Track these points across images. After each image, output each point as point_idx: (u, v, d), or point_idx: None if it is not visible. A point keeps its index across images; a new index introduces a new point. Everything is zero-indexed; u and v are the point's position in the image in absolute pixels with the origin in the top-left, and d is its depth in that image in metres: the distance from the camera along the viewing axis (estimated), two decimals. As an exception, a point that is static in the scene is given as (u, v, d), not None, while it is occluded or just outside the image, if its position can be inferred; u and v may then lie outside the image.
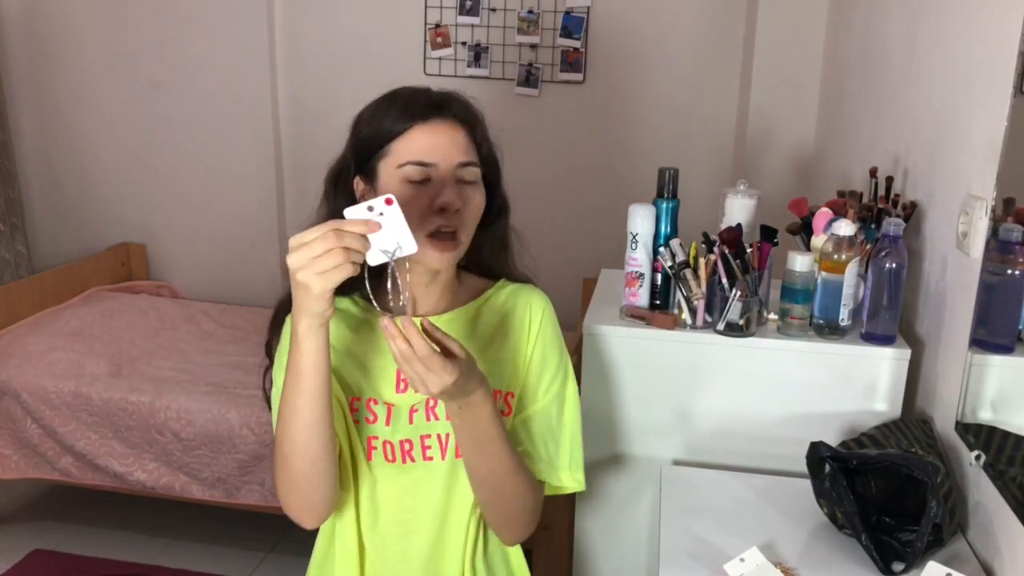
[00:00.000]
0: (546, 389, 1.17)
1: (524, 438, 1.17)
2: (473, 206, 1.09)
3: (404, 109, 1.08)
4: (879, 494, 1.34)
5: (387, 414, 1.13)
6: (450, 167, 1.06)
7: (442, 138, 1.07)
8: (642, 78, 3.23)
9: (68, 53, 3.55)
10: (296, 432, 1.01)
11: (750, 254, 1.55)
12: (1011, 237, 1.24)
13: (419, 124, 1.06)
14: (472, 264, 1.21)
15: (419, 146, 1.06)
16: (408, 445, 1.12)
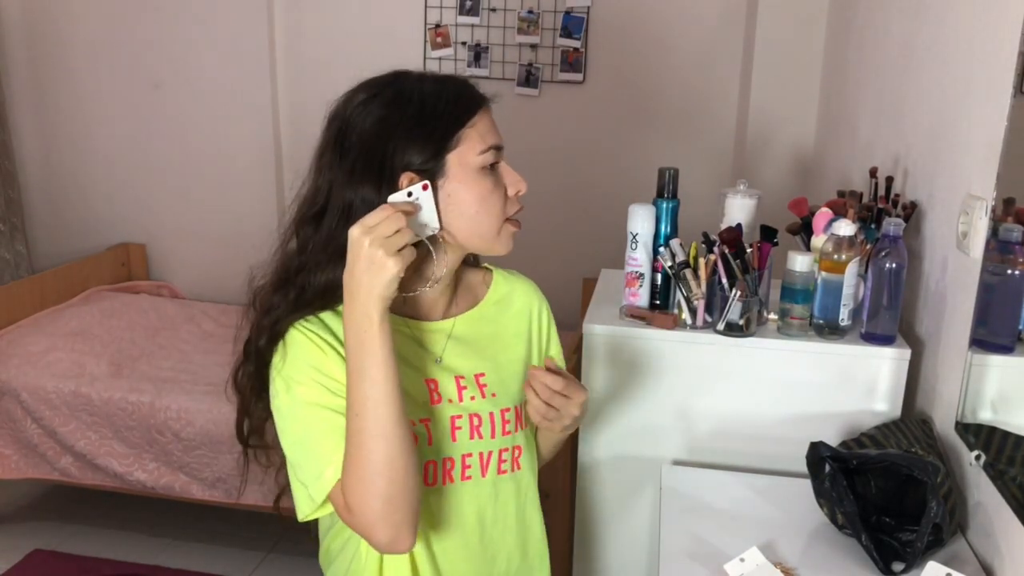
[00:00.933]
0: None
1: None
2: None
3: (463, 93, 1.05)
4: (879, 494, 1.34)
5: (426, 434, 1.06)
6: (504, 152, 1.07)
7: (492, 123, 1.06)
8: (642, 78, 3.23)
9: (68, 53, 3.55)
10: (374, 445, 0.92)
11: (750, 254, 1.55)
12: (1011, 237, 1.24)
13: (482, 108, 1.05)
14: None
15: (488, 131, 1.04)
16: (450, 464, 1.08)
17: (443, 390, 1.09)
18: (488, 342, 1.15)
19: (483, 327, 1.15)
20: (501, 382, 1.13)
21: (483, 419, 1.09)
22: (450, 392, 1.09)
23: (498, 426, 1.10)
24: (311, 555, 1.24)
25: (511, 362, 1.16)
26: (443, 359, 1.10)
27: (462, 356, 1.12)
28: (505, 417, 1.11)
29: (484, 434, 1.09)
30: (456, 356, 1.11)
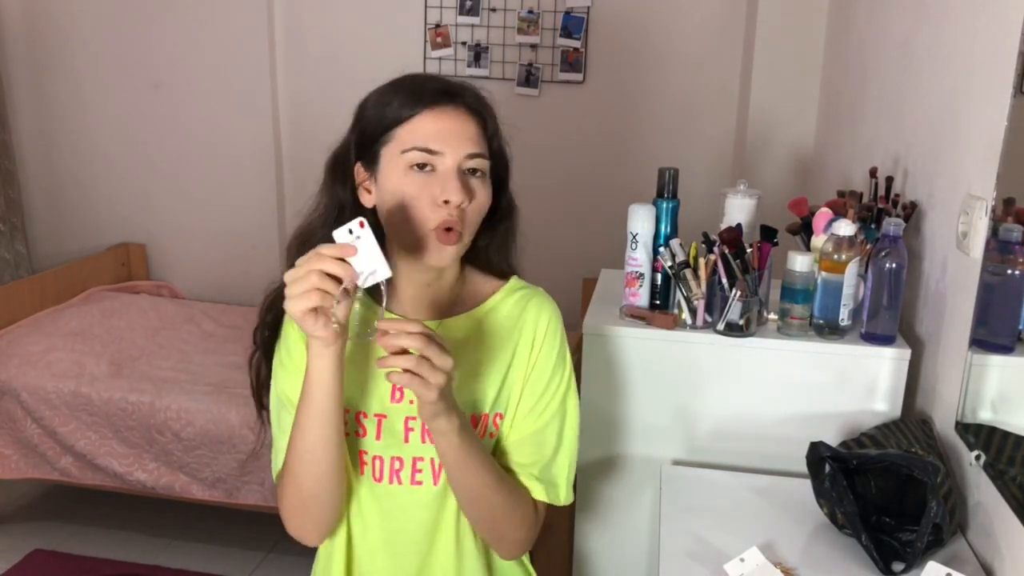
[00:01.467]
0: (545, 406, 1.13)
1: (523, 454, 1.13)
2: (478, 201, 1.04)
3: (413, 93, 1.03)
4: (879, 494, 1.34)
5: (377, 427, 1.09)
6: (458, 158, 1.01)
7: (452, 126, 1.02)
8: (642, 78, 3.23)
9: (68, 53, 3.55)
10: (304, 451, 1.00)
11: (750, 254, 1.55)
12: (1011, 237, 1.24)
13: (428, 109, 1.02)
14: (478, 262, 1.16)
15: (426, 132, 1.01)
16: (399, 464, 1.09)
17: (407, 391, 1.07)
18: (470, 348, 1.11)
19: (469, 332, 1.12)
20: (467, 388, 1.10)
21: None
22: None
23: None
24: (311, 555, 1.24)
25: (487, 371, 1.11)
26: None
27: None
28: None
29: None
30: None
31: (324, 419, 0.97)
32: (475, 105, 1.06)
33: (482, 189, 1.05)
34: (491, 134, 1.07)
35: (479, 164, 1.04)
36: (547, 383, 1.12)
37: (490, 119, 1.08)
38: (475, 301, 1.14)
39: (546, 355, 1.13)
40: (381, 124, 1.03)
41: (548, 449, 1.13)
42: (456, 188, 1.00)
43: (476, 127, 1.05)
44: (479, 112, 1.06)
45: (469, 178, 1.03)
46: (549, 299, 1.17)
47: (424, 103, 1.02)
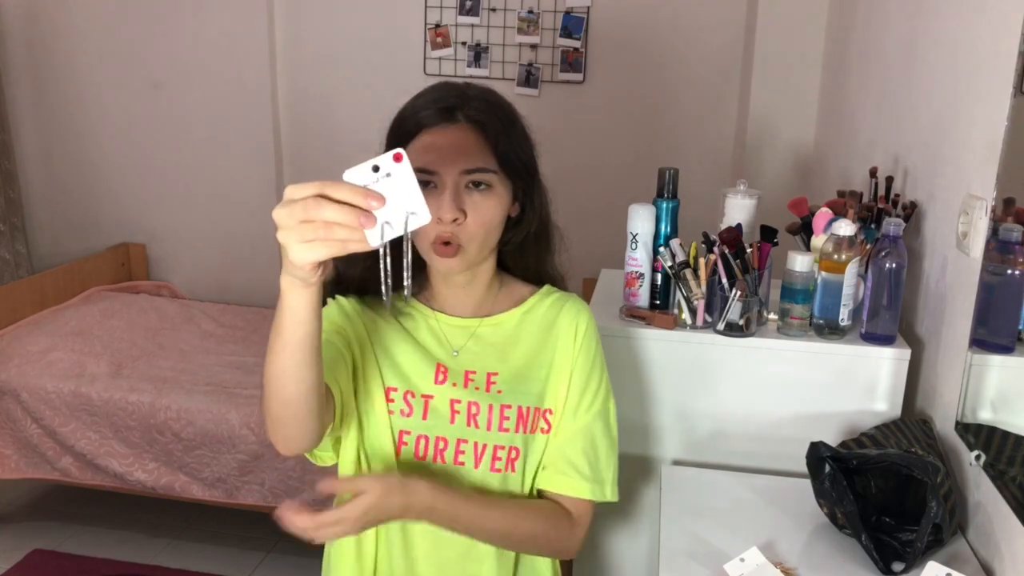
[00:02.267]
0: (589, 405, 1.17)
1: (570, 454, 1.16)
2: (480, 214, 1.06)
3: (418, 111, 1.06)
4: (879, 494, 1.34)
5: (424, 407, 1.12)
6: (453, 175, 1.04)
7: (447, 144, 1.04)
8: (642, 78, 3.23)
9: (68, 53, 3.55)
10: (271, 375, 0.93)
11: (750, 254, 1.55)
12: (1011, 237, 1.24)
13: (427, 129, 1.05)
14: (516, 267, 1.22)
15: (425, 153, 1.04)
16: (443, 444, 1.12)
17: (451, 376, 1.13)
18: (511, 346, 1.17)
19: (510, 332, 1.18)
20: (512, 381, 1.15)
21: (481, 409, 1.12)
22: (456, 379, 1.13)
23: (495, 420, 1.12)
24: (311, 555, 1.24)
25: (529, 366, 1.16)
26: (460, 353, 1.15)
27: (480, 355, 1.16)
28: (505, 414, 1.13)
29: (480, 424, 1.12)
30: (473, 353, 1.16)
31: (295, 353, 0.89)
32: (477, 115, 1.06)
33: (487, 202, 1.06)
34: (496, 143, 1.06)
35: (481, 178, 1.05)
36: (587, 381, 1.17)
37: (495, 126, 1.07)
38: (512, 303, 1.20)
39: (585, 354, 1.18)
40: (395, 142, 1.07)
41: (595, 447, 1.17)
42: (448, 206, 1.03)
43: (477, 140, 1.05)
44: (481, 122, 1.06)
45: (472, 193, 1.06)
46: (584, 303, 1.22)
47: (425, 123, 1.05)
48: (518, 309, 1.19)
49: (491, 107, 1.08)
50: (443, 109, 1.05)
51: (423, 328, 1.16)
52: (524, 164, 1.12)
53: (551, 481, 1.16)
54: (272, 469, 2.50)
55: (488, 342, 1.17)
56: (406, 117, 1.07)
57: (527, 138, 1.13)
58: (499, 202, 1.08)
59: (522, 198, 1.14)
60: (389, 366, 1.13)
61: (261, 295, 3.57)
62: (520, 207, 1.15)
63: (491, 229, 1.09)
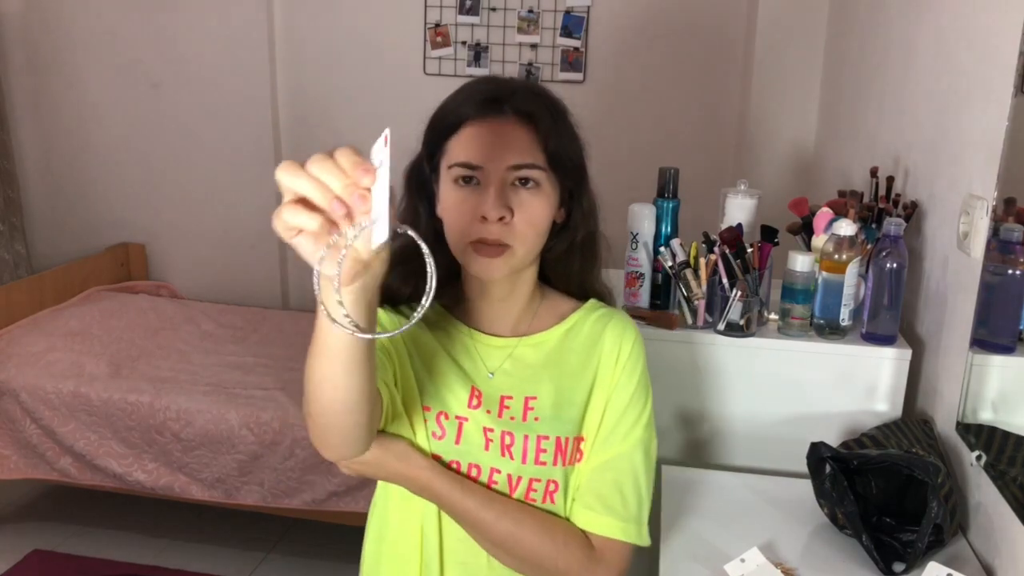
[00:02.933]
0: (626, 433, 1.06)
1: (598, 486, 1.04)
2: (528, 213, 0.97)
3: (462, 104, 0.99)
4: (880, 494, 1.34)
5: (457, 431, 1.03)
6: (499, 170, 0.96)
7: (493, 137, 0.96)
8: (642, 78, 3.23)
9: (68, 53, 3.55)
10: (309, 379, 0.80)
11: (750, 254, 1.55)
12: (1012, 237, 1.24)
13: (471, 121, 0.98)
14: (558, 279, 1.13)
15: (468, 146, 0.97)
16: (476, 471, 1.03)
17: (485, 400, 1.04)
18: (551, 368, 1.07)
19: (550, 352, 1.08)
20: (551, 409, 1.05)
21: (515, 439, 1.03)
22: (491, 405, 1.04)
23: (531, 452, 1.03)
24: (311, 555, 1.23)
25: (570, 391, 1.07)
26: (495, 375, 1.07)
27: (517, 377, 1.07)
28: (542, 445, 1.03)
29: (515, 455, 1.03)
30: (510, 376, 1.07)
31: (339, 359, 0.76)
32: (525, 108, 0.98)
33: (534, 200, 0.98)
34: (546, 139, 0.98)
35: (529, 174, 0.98)
36: (627, 406, 1.07)
37: (545, 121, 0.99)
38: (554, 319, 1.10)
39: (628, 377, 1.08)
40: (437, 136, 1.01)
41: (631, 480, 1.06)
42: (492, 203, 0.95)
43: (525, 134, 0.98)
44: (530, 115, 0.98)
45: (518, 190, 0.98)
46: (631, 321, 1.12)
47: (469, 114, 0.98)
48: (560, 326, 1.10)
49: (540, 100, 1.01)
50: (488, 100, 0.98)
51: (458, 345, 1.07)
52: (574, 164, 1.03)
53: (577, 515, 1.05)
54: (271, 469, 2.49)
55: (526, 363, 1.07)
56: (448, 110, 1.00)
57: (577, 137, 1.05)
58: (547, 202, 1.00)
59: (569, 202, 1.06)
60: (425, 382, 1.04)
61: (261, 295, 3.57)
62: (566, 212, 1.06)
63: (539, 231, 1.00)
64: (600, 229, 1.12)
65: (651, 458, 1.09)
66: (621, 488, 1.05)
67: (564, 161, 1.01)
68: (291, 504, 2.49)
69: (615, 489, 1.04)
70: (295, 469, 2.47)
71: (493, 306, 1.08)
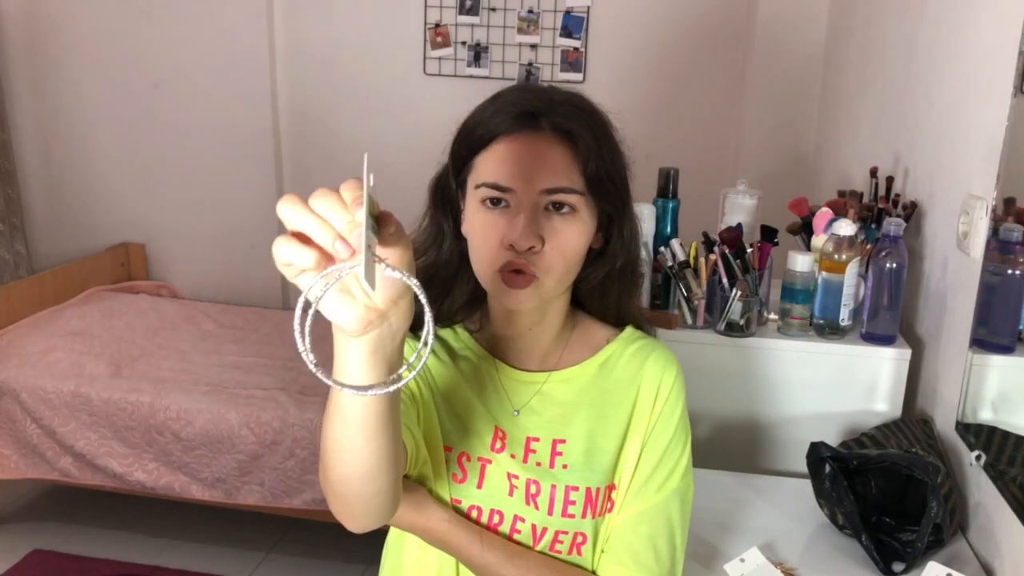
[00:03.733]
0: (662, 482, 0.96)
1: (632, 540, 0.95)
2: (561, 241, 0.88)
3: (495, 116, 0.89)
4: (879, 494, 1.34)
5: (480, 474, 0.95)
6: (532, 194, 0.87)
7: (526, 157, 0.87)
8: (642, 78, 3.23)
9: (68, 53, 3.55)
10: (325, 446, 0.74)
11: (750, 254, 1.55)
12: (1011, 237, 1.24)
13: (504, 137, 0.88)
14: (592, 307, 1.02)
15: (499, 166, 0.88)
16: (498, 518, 0.95)
17: (509, 443, 0.96)
18: (584, 408, 0.97)
19: (583, 388, 0.98)
20: (582, 456, 0.96)
21: (542, 489, 0.94)
22: (516, 448, 0.96)
23: (558, 503, 0.94)
24: (311, 555, 1.23)
25: (603, 434, 0.97)
26: (521, 413, 0.98)
27: (545, 416, 0.97)
28: (570, 497, 0.95)
29: (541, 505, 0.95)
30: (538, 415, 0.97)
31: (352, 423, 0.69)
32: (564, 125, 0.88)
33: (569, 228, 0.89)
34: (586, 160, 0.89)
35: (564, 199, 0.88)
36: (665, 451, 0.97)
37: (586, 139, 0.89)
38: (587, 351, 1.00)
39: (667, 417, 0.97)
40: (465, 151, 0.92)
41: (666, 533, 0.96)
42: (522, 232, 0.86)
43: (563, 154, 0.88)
44: (569, 133, 0.89)
45: (551, 216, 0.88)
46: (672, 354, 1.01)
47: (501, 129, 0.89)
48: (593, 359, 0.99)
49: (582, 115, 0.91)
50: (524, 114, 0.88)
51: (483, 377, 0.98)
52: (616, 186, 0.93)
53: (607, 570, 0.96)
54: (271, 469, 2.49)
55: (556, 401, 0.98)
56: (479, 121, 0.91)
57: (621, 155, 0.94)
58: (583, 229, 0.90)
59: (608, 226, 0.96)
60: (446, 420, 0.96)
61: (261, 295, 3.57)
62: (604, 238, 0.96)
63: (572, 261, 0.91)
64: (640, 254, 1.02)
65: (687, 508, 0.99)
66: (655, 543, 0.95)
67: (605, 185, 0.91)
68: (291, 504, 2.49)
69: (649, 544, 0.95)
70: (295, 469, 2.47)
71: (521, 335, 0.98)
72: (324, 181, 1.20)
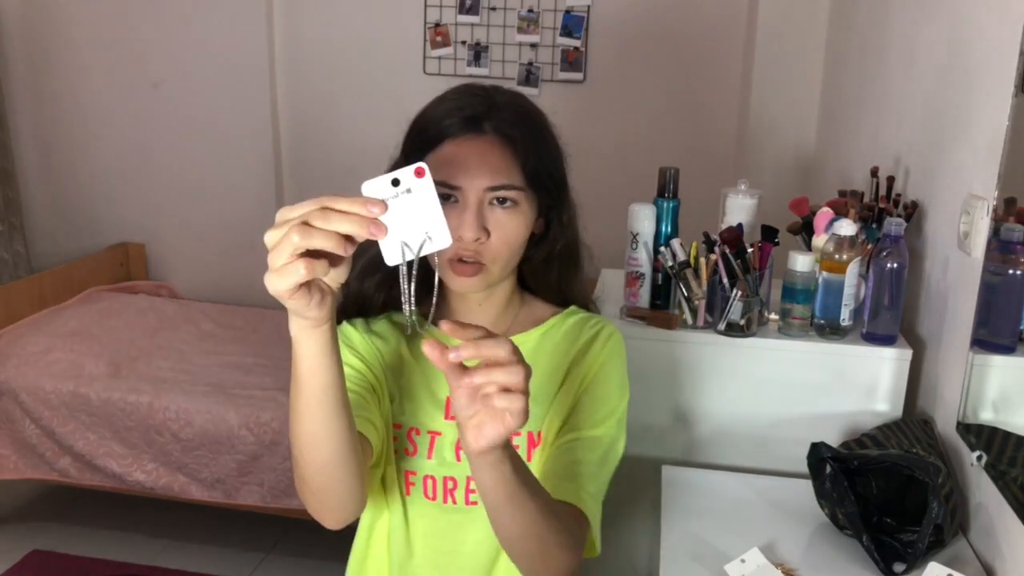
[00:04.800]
0: (603, 419, 1.04)
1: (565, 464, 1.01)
2: (505, 232, 0.98)
3: (442, 119, 0.99)
4: (880, 495, 1.33)
5: (429, 445, 1.04)
6: (477, 191, 0.96)
7: (472, 158, 0.97)
8: (642, 78, 3.23)
9: (68, 53, 3.55)
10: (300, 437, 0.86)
11: (751, 254, 1.55)
12: (1012, 237, 1.24)
13: (451, 139, 0.98)
14: (538, 286, 1.13)
15: (447, 165, 0.96)
16: (452, 483, 1.04)
17: None
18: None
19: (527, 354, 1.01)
20: None
21: None
22: None
23: None
24: (311, 555, 1.24)
25: (542, 390, 1.06)
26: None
27: None
28: (514, 442, 1.03)
29: None
30: None
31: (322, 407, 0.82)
32: (505, 128, 0.99)
33: (511, 220, 0.99)
34: (525, 159, 0.99)
35: (507, 195, 0.98)
36: (603, 397, 1.06)
37: (524, 140, 1.00)
38: (531, 325, 1.11)
39: (606, 368, 1.07)
40: (417, 149, 1.00)
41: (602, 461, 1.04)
42: (470, 224, 0.95)
43: (504, 154, 0.98)
44: (509, 135, 0.99)
45: (495, 209, 0.98)
46: (612, 324, 1.11)
47: (449, 132, 0.98)
48: (536, 330, 1.10)
49: (520, 117, 1.02)
50: (469, 118, 0.98)
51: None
52: (553, 179, 1.04)
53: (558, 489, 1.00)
54: (271, 469, 2.49)
55: None
56: (428, 123, 1.00)
57: (558, 149, 1.06)
58: (524, 220, 1.01)
59: (548, 214, 1.07)
60: (397, 400, 1.06)
61: (260, 295, 3.53)
62: (545, 223, 1.07)
63: (514, 248, 1.02)
64: (580, 237, 1.12)
65: (613, 455, 1.06)
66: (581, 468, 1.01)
67: (543, 179, 1.02)
68: (291, 504, 2.49)
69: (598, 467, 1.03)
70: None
71: (471, 310, 1.07)
72: (324, 181, 1.19)
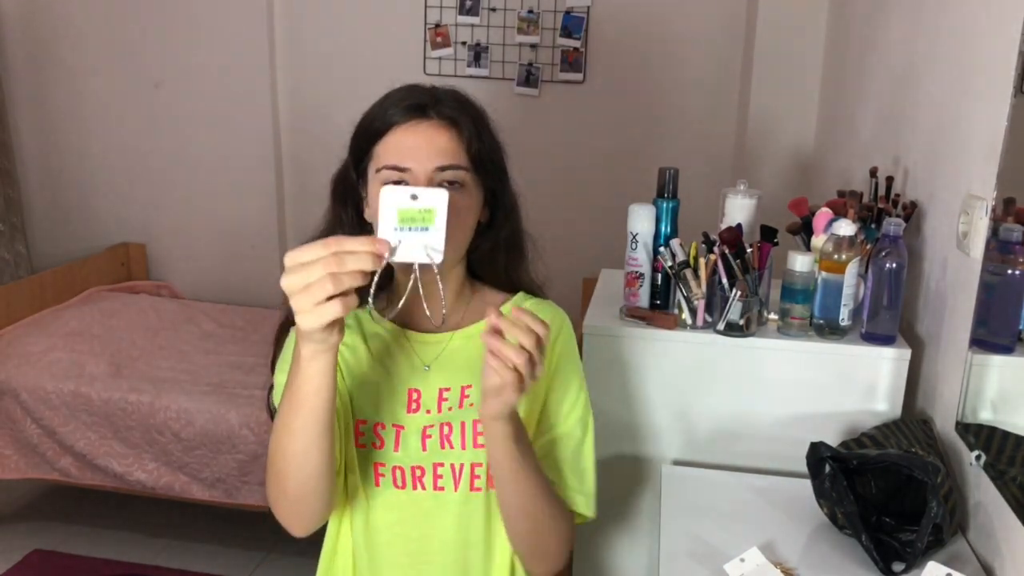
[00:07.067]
0: (568, 411, 1.13)
1: (548, 464, 1.11)
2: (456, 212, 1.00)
3: (388, 110, 1.05)
4: (879, 494, 1.34)
5: (395, 438, 1.08)
6: (426, 172, 1.01)
7: (420, 140, 1.02)
8: (642, 78, 3.23)
9: (68, 53, 3.55)
10: (291, 453, 0.95)
11: (750, 254, 1.55)
12: (1011, 237, 1.24)
13: (399, 126, 1.03)
14: (487, 275, 1.17)
15: (396, 149, 1.03)
16: (420, 471, 1.09)
17: (424, 400, 1.09)
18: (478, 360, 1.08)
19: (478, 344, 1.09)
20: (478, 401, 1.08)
21: (454, 428, 1.08)
22: (430, 403, 1.09)
23: (469, 437, 1.08)
24: (311, 555, 1.24)
25: None
26: (432, 368, 1.11)
27: (453, 368, 1.10)
28: (478, 428, 1.07)
29: (455, 444, 1.08)
30: (446, 369, 1.10)
31: (318, 423, 0.91)
32: (448, 113, 1.04)
33: (460, 201, 1.03)
34: (470, 140, 1.05)
35: (454, 176, 1.03)
36: (567, 387, 1.13)
37: (468, 125, 1.05)
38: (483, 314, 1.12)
39: (565, 361, 1.13)
40: (365, 142, 1.06)
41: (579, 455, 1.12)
42: None
43: (450, 137, 1.04)
44: (453, 120, 1.04)
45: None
46: (560, 309, 1.18)
47: (395, 119, 1.04)
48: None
49: (462, 106, 1.07)
50: (414, 106, 1.04)
51: (393, 349, 1.12)
52: (495, 165, 1.10)
53: None
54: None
55: (461, 355, 1.11)
56: (375, 116, 1.06)
57: (497, 140, 1.12)
58: (472, 203, 1.06)
59: (492, 202, 1.12)
60: (358, 397, 1.10)
61: (261, 295, 3.57)
62: (490, 212, 1.12)
63: (466, 231, 1.06)
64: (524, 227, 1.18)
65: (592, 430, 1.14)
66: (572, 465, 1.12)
67: (486, 163, 1.07)
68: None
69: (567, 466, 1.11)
70: (295, 469, 2.47)
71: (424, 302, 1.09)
72: (324, 181, 1.20)
